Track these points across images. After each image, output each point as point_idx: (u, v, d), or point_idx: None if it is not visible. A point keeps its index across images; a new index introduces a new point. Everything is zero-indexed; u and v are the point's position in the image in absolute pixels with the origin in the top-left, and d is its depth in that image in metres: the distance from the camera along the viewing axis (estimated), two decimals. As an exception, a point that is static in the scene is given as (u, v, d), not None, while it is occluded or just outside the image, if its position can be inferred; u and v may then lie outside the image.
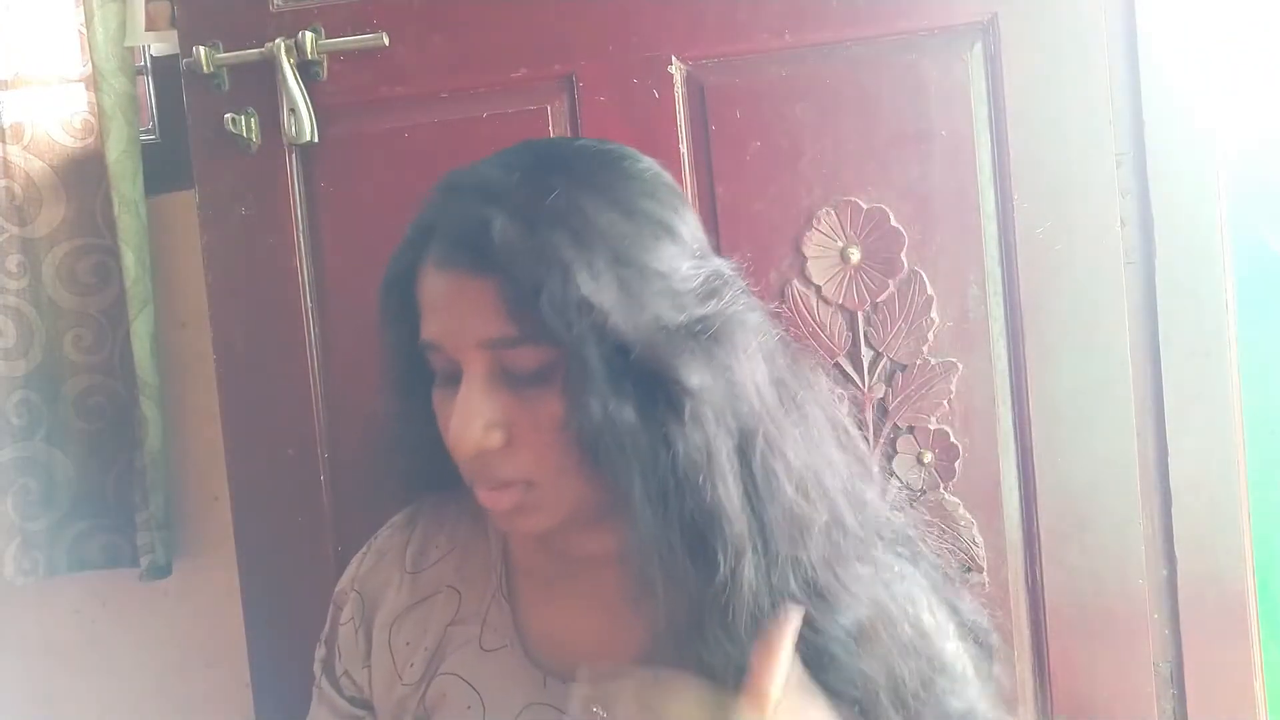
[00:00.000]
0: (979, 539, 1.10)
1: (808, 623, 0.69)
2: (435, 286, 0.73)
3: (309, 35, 1.11)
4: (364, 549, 0.91)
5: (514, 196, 0.70)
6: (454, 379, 0.73)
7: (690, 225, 0.76)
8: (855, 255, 1.10)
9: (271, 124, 1.14)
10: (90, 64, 1.23)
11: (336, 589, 0.90)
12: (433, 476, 0.84)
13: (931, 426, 1.10)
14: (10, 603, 1.35)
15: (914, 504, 1.08)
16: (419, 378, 0.78)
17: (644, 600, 0.72)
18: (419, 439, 0.80)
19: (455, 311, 0.71)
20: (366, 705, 0.86)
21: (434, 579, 0.86)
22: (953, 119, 1.09)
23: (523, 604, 0.82)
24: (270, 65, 1.12)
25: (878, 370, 1.11)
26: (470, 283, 0.70)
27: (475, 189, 0.73)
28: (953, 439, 1.10)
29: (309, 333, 1.14)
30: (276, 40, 1.11)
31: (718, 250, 0.80)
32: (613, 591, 0.78)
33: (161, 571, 1.28)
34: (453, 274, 0.71)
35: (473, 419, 0.70)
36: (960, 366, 1.10)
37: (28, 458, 1.28)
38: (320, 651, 0.90)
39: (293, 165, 1.15)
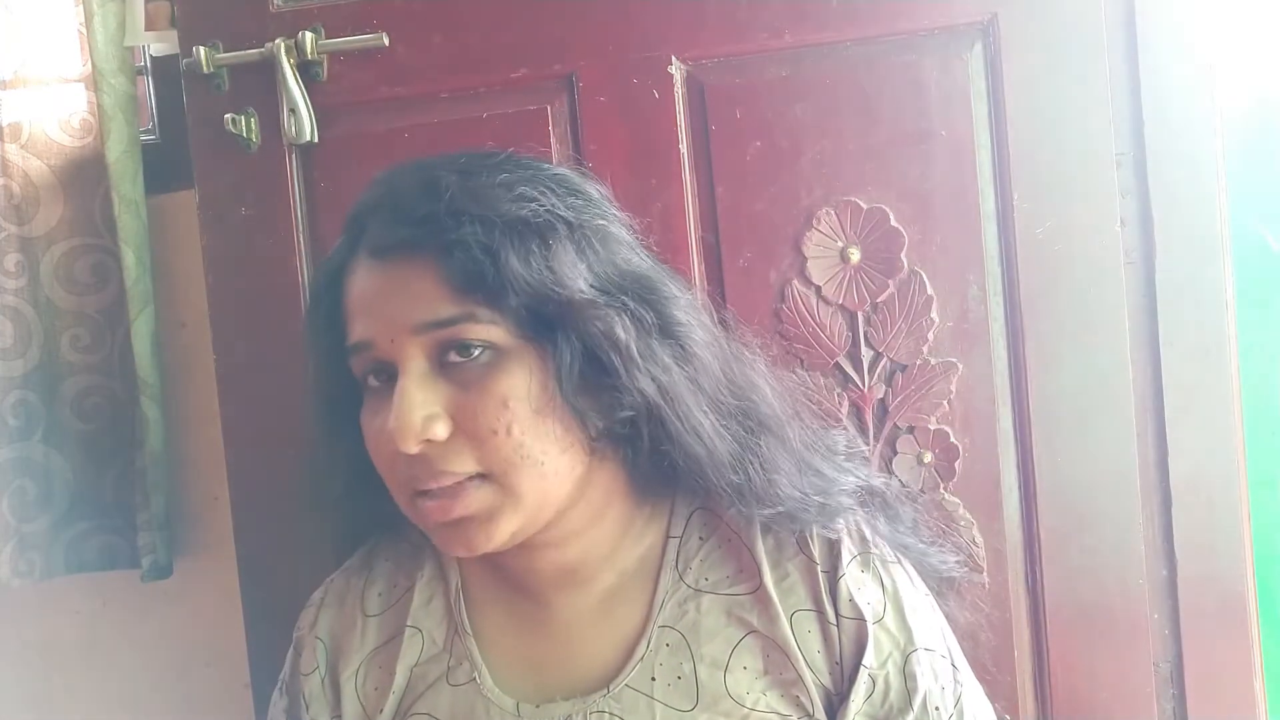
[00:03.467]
0: (979, 539, 1.10)
1: None
2: (366, 280, 0.72)
3: (309, 35, 1.11)
4: (320, 593, 0.90)
5: (445, 177, 0.72)
6: (381, 390, 0.72)
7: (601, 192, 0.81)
8: (855, 255, 1.10)
9: (271, 124, 1.14)
10: (90, 64, 1.23)
11: (296, 634, 0.89)
12: (378, 513, 0.82)
13: (931, 426, 1.10)
14: (10, 603, 1.34)
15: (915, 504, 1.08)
16: (349, 402, 0.76)
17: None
18: (356, 472, 0.79)
19: (390, 299, 0.70)
20: None
21: (395, 620, 0.85)
22: (953, 119, 1.09)
23: (486, 636, 0.82)
24: (270, 65, 1.12)
25: (878, 370, 1.11)
26: (406, 266, 0.70)
27: (408, 174, 0.75)
28: (953, 439, 1.10)
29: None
30: (276, 40, 1.11)
31: (718, 250, 0.81)
32: (572, 616, 0.79)
33: (163, 572, 1.27)
34: (386, 261, 0.71)
35: (413, 409, 0.69)
36: (960, 366, 1.10)
37: (25, 458, 1.28)
38: (281, 702, 0.89)
39: (293, 165, 1.15)
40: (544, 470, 0.72)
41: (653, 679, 0.77)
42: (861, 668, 0.76)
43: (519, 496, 0.72)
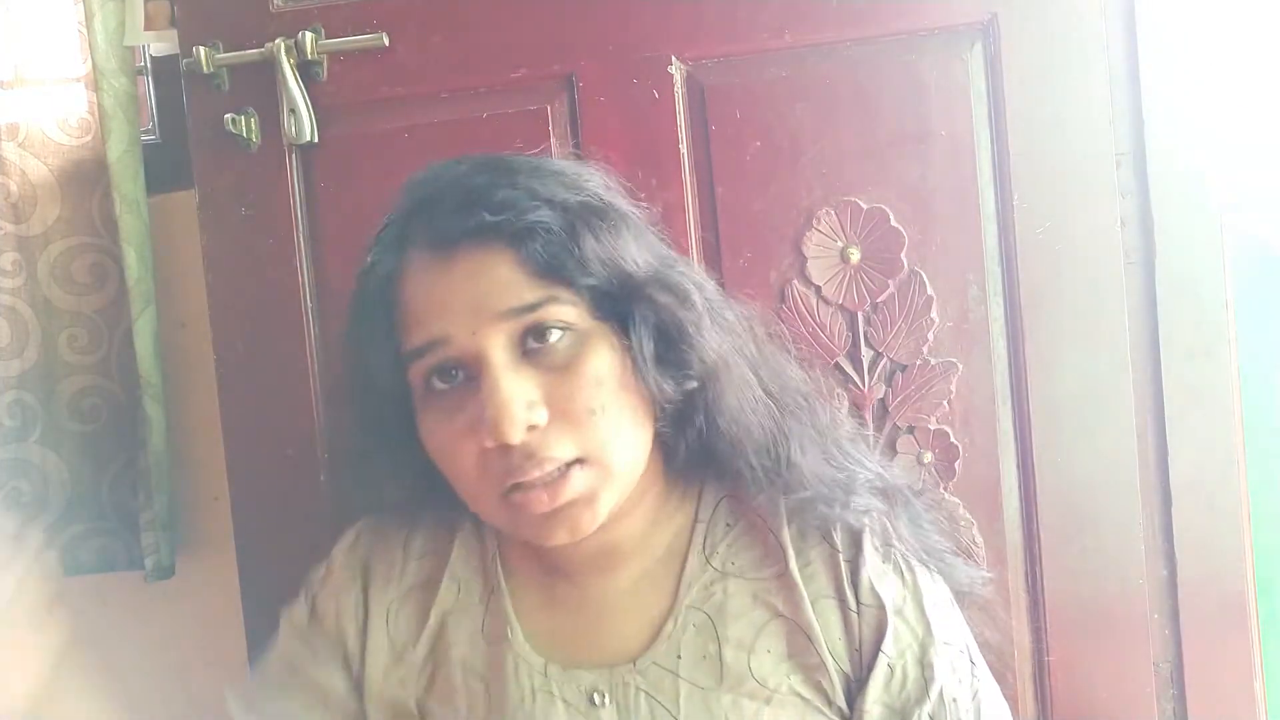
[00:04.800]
0: (979, 539, 1.10)
1: None
2: (430, 275, 0.70)
3: (309, 35, 1.11)
4: (359, 525, 0.90)
5: (504, 165, 0.72)
6: (451, 391, 0.71)
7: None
8: (855, 255, 1.10)
9: (271, 124, 1.14)
10: (90, 64, 1.23)
11: (335, 552, 0.89)
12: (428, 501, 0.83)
13: (931, 426, 1.10)
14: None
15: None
16: (399, 404, 0.75)
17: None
18: (407, 470, 0.79)
19: (464, 290, 0.69)
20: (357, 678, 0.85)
21: (434, 566, 0.85)
22: (953, 119, 1.09)
23: (518, 599, 0.83)
24: (270, 65, 1.12)
25: (878, 370, 1.11)
26: (478, 254, 0.68)
27: (453, 169, 0.74)
28: (953, 439, 1.10)
29: (309, 333, 1.14)
30: (276, 40, 1.11)
31: (718, 250, 0.82)
32: (601, 596, 0.80)
33: (166, 572, 1.27)
34: (454, 252, 0.69)
35: (513, 399, 0.68)
36: (960, 366, 1.10)
37: (21, 459, 1.27)
38: (301, 613, 0.89)
39: (293, 165, 1.15)
40: (634, 444, 0.73)
41: (679, 657, 0.78)
42: (880, 655, 0.76)
43: (616, 474, 0.72)
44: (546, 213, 0.69)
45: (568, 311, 0.69)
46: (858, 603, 0.77)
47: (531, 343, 0.70)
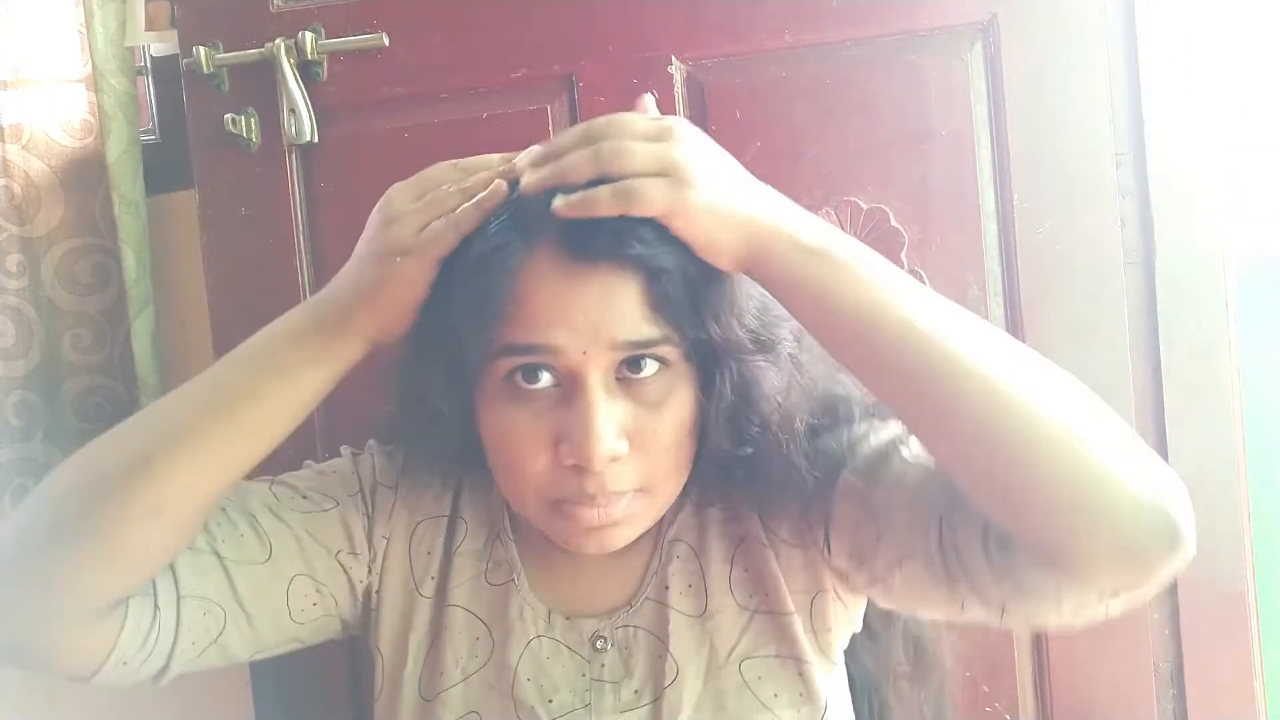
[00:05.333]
0: (979, 539, 1.10)
1: None
2: (561, 282, 0.68)
3: (309, 35, 1.11)
4: (392, 448, 0.87)
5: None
6: (535, 393, 0.70)
7: None
8: (855, 255, 1.10)
9: (271, 124, 1.14)
10: (90, 64, 1.23)
11: (372, 448, 0.87)
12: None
13: (932, 426, 1.10)
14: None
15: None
16: (465, 380, 0.74)
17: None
18: (443, 434, 0.77)
19: (590, 309, 0.67)
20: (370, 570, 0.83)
21: (447, 504, 0.85)
22: (953, 119, 1.09)
23: (524, 548, 0.83)
24: (270, 65, 1.12)
25: (878, 370, 1.10)
26: (610, 277, 0.67)
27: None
28: (953, 439, 1.10)
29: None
30: (276, 40, 1.11)
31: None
32: (595, 560, 0.79)
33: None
34: (589, 266, 0.67)
35: (608, 428, 0.68)
36: (960, 366, 1.09)
37: (26, 458, 1.28)
38: (345, 461, 0.86)
39: (293, 165, 1.15)
40: (679, 484, 0.75)
41: (666, 588, 0.79)
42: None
43: (659, 502, 0.74)
44: (682, 255, 0.67)
45: (670, 351, 0.69)
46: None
47: (626, 371, 0.69)
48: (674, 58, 1.11)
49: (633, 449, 0.70)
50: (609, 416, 0.68)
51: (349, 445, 0.88)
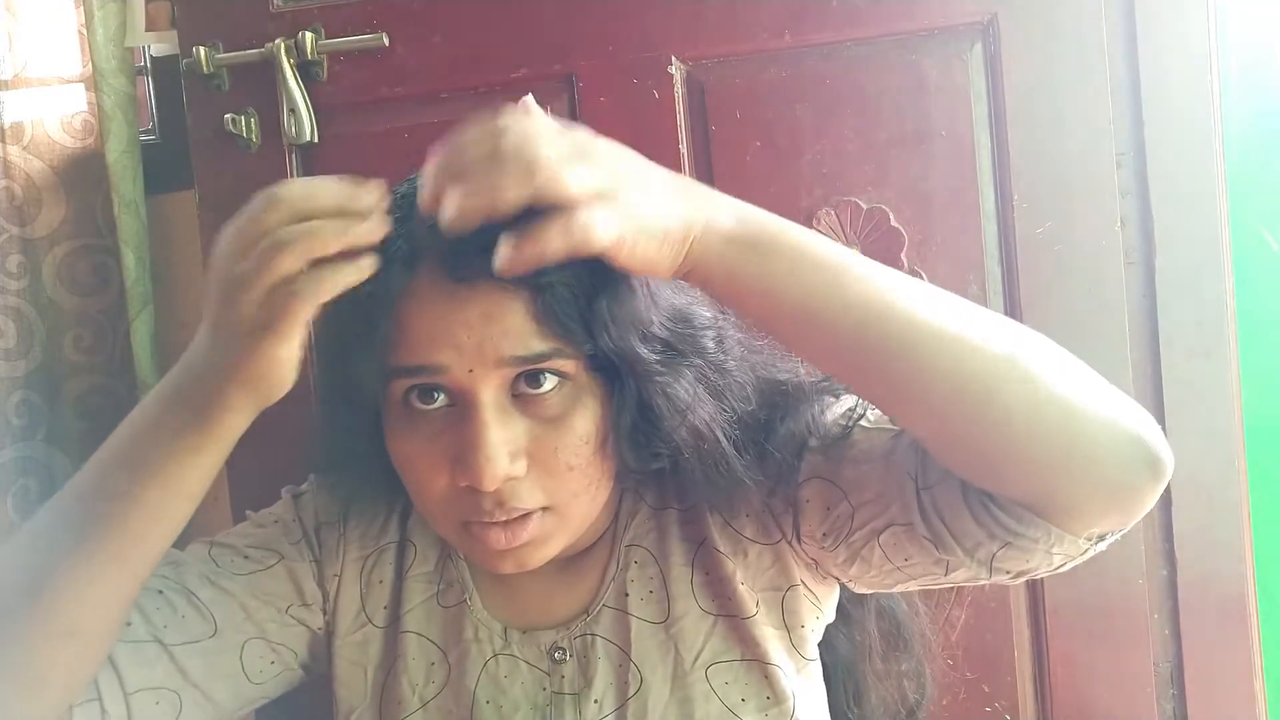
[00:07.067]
0: (979, 539, 1.10)
1: None
2: (441, 302, 0.66)
3: (309, 35, 1.11)
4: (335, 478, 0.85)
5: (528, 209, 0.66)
6: (430, 414, 0.68)
7: None
8: (855, 255, 1.10)
9: (271, 124, 1.14)
10: (90, 64, 1.23)
11: (314, 484, 0.86)
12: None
13: (931, 426, 1.10)
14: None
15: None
16: (373, 413, 0.73)
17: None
18: (377, 470, 0.76)
19: (474, 328, 0.66)
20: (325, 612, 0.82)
21: (395, 530, 0.84)
22: (953, 119, 1.09)
23: (474, 566, 0.82)
24: (270, 65, 1.12)
25: (878, 370, 1.10)
26: (493, 295, 0.65)
27: None
28: (953, 439, 1.10)
29: (308, 333, 1.14)
30: (276, 40, 1.11)
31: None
32: (548, 569, 0.78)
33: (165, 571, 1.28)
34: (470, 286, 0.65)
35: (499, 448, 0.66)
36: (960, 366, 1.09)
37: (28, 458, 1.28)
38: (287, 506, 0.85)
39: (293, 165, 1.15)
40: (597, 500, 0.73)
41: (626, 595, 0.78)
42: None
43: (573, 524, 0.72)
44: (570, 267, 0.64)
45: (567, 365, 0.68)
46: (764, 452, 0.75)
47: (524, 387, 0.68)
48: (674, 58, 1.11)
49: (533, 467, 0.68)
50: (500, 437, 0.66)
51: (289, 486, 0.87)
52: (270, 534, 0.83)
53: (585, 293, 0.66)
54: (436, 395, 0.68)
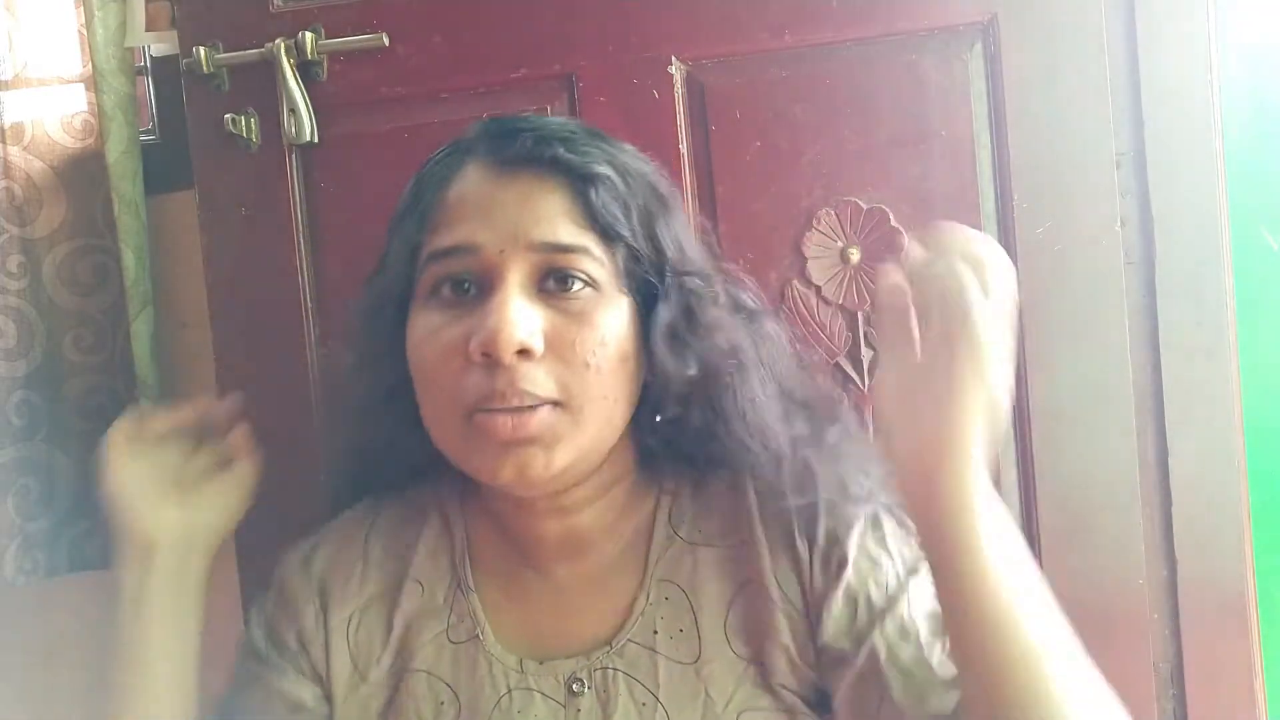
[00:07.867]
0: (979, 539, 1.10)
1: None
2: (484, 184, 0.71)
3: (309, 35, 1.11)
4: (310, 542, 0.88)
5: (579, 124, 0.75)
6: (457, 301, 0.71)
7: None
8: (855, 255, 1.10)
9: (271, 124, 1.14)
10: (90, 64, 1.23)
11: (281, 572, 0.87)
12: (392, 473, 0.84)
13: (931, 426, 1.10)
14: (10, 603, 1.34)
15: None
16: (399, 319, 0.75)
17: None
18: (393, 427, 0.78)
19: (510, 209, 0.69)
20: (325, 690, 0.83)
21: (396, 570, 0.83)
22: (953, 119, 1.08)
23: (487, 598, 0.81)
24: (270, 65, 1.12)
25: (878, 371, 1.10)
26: (535, 182, 0.70)
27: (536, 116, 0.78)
28: (953, 439, 1.10)
29: (309, 332, 1.14)
30: (276, 40, 1.11)
31: (717, 250, 0.83)
32: (571, 584, 0.79)
33: (167, 571, 1.28)
34: (514, 172, 0.70)
35: (520, 312, 0.68)
36: (960, 366, 1.09)
37: (28, 458, 1.28)
38: (255, 633, 0.87)
39: (293, 165, 1.15)
40: (611, 414, 0.72)
41: (655, 632, 0.77)
42: (839, 585, 0.74)
43: (584, 429, 0.71)
44: (612, 170, 0.71)
45: (597, 269, 0.70)
46: (811, 545, 0.76)
47: (550, 284, 0.70)
48: (674, 58, 1.11)
49: (549, 353, 0.69)
50: (522, 309, 0.68)
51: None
52: (254, 670, 0.85)
53: (625, 193, 0.70)
54: (468, 288, 0.71)
